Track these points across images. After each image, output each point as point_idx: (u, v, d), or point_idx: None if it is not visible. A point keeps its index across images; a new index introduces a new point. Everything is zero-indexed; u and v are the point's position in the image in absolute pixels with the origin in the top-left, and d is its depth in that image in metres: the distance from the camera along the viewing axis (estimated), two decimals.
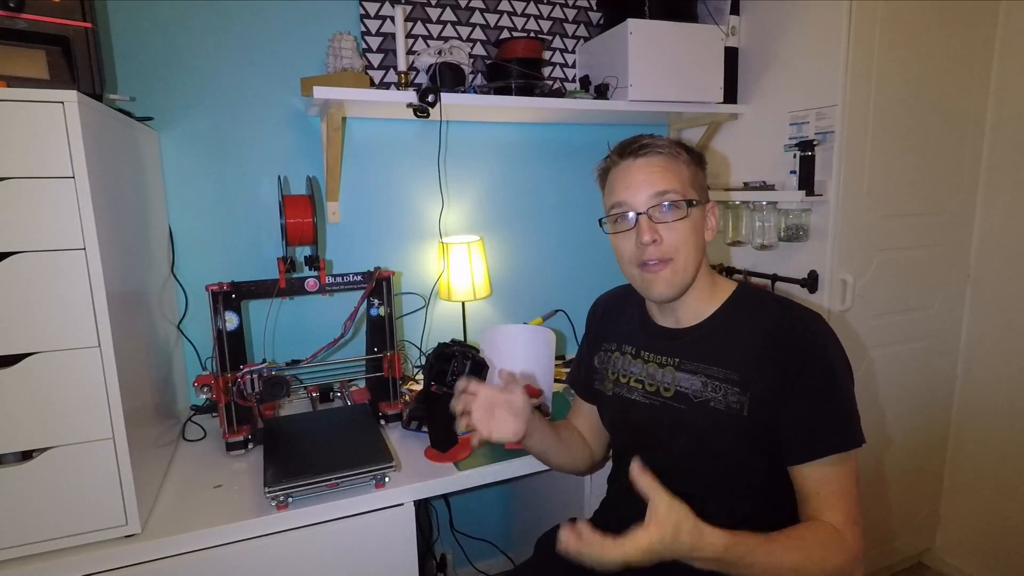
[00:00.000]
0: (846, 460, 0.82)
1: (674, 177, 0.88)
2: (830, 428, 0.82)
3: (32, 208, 0.82)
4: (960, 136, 1.67)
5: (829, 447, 0.81)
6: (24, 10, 0.87)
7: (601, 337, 1.10)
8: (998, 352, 1.73)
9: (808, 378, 0.83)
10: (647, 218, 0.87)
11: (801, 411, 0.83)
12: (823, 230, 1.51)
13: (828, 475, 0.82)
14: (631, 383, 1.00)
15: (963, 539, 1.87)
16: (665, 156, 0.89)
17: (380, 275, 1.35)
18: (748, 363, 0.86)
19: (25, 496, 0.87)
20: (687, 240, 0.88)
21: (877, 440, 1.71)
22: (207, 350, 1.44)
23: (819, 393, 0.83)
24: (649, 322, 1.01)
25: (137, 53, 1.39)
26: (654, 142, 0.90)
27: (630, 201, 0.89)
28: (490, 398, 0.95)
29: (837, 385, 0.83)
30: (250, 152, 1.52)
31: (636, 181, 0.89)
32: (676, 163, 0.90)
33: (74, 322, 0.86)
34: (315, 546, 1.05)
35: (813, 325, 0.86)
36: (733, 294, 0.94)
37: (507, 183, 1.82)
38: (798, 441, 0.83)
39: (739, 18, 1.70)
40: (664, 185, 0.87)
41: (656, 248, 0.87)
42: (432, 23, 1.63)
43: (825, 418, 0.82)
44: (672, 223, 0.87)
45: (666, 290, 0.90)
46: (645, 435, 0.98)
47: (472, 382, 0.96)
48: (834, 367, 0.84)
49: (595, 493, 1.25)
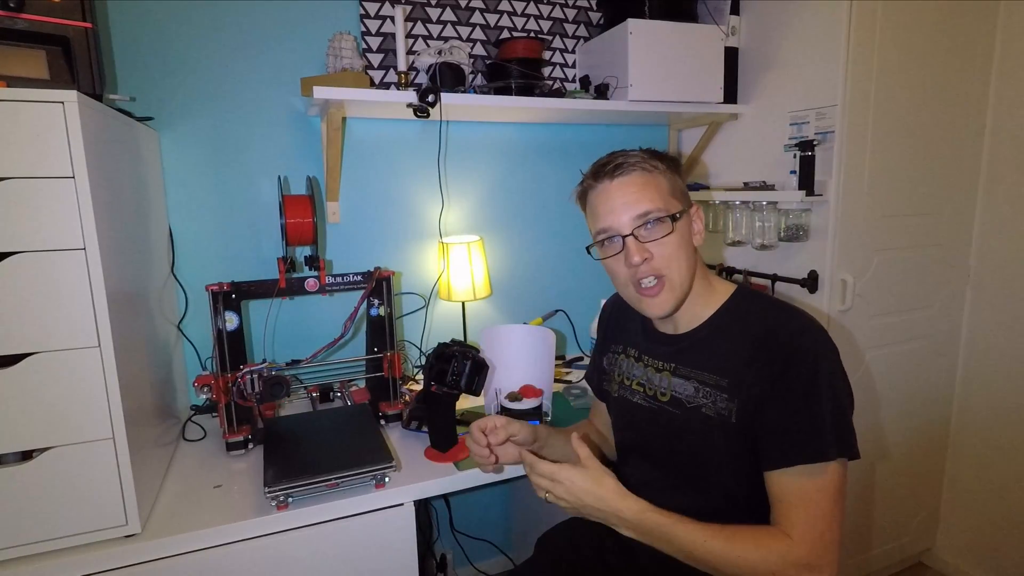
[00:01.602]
0: (821, 473, 0.78)
1: (654, 193, 0.87)
2: (803, 437, 0.79)
3: (32, 208, 0.82)
4: (960, 136, 1.67)
5: (800, 456, 0.79)
6: (24, 10, 0.86)
7: (610, 339, 1.11)
8: (998, 352, 1.73)
9: (789, 383, 0.80)
10: (634, 239, 0.87)
11: (778, 415, 0.81)
12: (823, 230, 1.51)
13: (794, 485, 0.79)
14: (633, 386, 1.01)
15: (963, 539, 1.87)
16: (640, 172, 0.88)
17: (380, 275, 1.35)
18: (738, 369, 0.86)
19: (25, 496, 0.87)
20: (677, 253, 0.88)
21: (877, 441, 1.71)
22: (207, 350, 1.44)
23: (797, 399, 0.80)
24: (650, 327, 1.01)
25: (137, 53, 1.39)
26: (627, 160, 0.89)
27: (615, 225, 0.88)
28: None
29: (818, 394, 0.79)
30: (250, 152, 1.52)
31: (617, 204, 0.87)
32: (653, 176, 0.89)
33: (74, 322, 0.86)
34: (315, 546, 1.05)
35: (804, 332, 0.84)
36: (730, 298, 0.94)
37: (507, 183, 1.82)
38: (771, 446, 0.81)
39: (739, 18, 1.70)
40: (646, 205, 0.86)
41: (648, 266, 0.87)
42: (432, 23, 1.63)
43: (800, 426, 0.79)
44: (660, 240, 0.87)
45: (664, 309, 0.90)
46: (643, 437, 0.99)
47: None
48: (819, 374, 0.80)
49: None
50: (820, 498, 0.78)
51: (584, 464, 0.85)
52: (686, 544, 0.80)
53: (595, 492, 0.83)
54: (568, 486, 0.84)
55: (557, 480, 0.84)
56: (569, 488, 0.84)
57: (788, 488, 0.80)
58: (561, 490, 0.84)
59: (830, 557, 0.78)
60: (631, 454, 1.05)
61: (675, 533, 0.81)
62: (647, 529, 0.82)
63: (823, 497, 0.78)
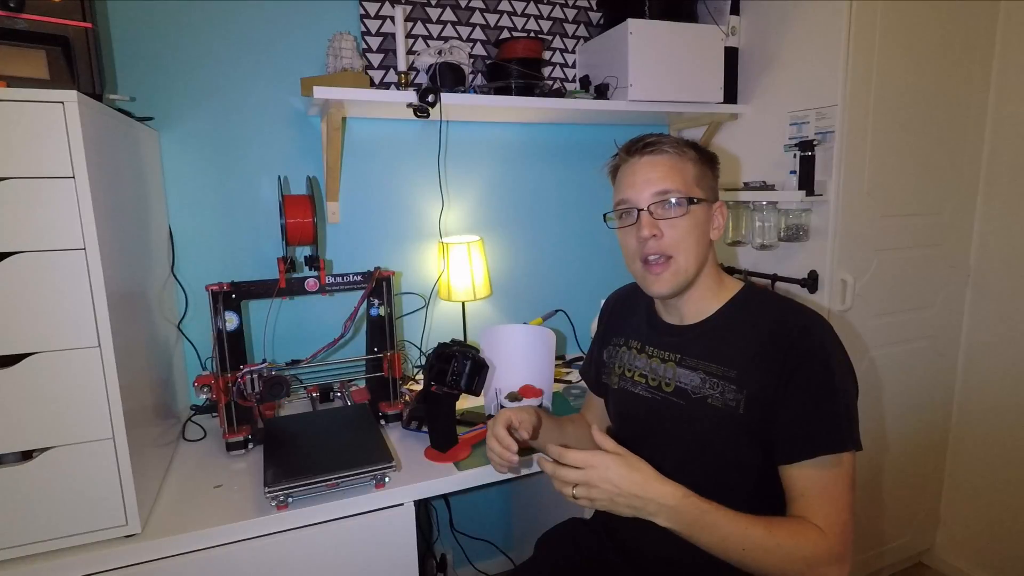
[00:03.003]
0: (837, 464, 0.80)
1: (678, 175, 0.89)
2: (822, 429, 0.81)
3: (32, 208, 0.82)
4: (960, 136, 1.67)
5: (819, 448, 0.80)
6: (24, 10, 0.87)
7: (611, 332, 1.11)
8: (998, 352, 1.73)
9: (804, 378, 0.82)
10: (648, 214, 0.89)
11: (794, 410, 0.82)
12: (823, 230, 1.51)
13: (816, 477, 0.80)
14: (635, 377, 1.01)
15: (963, 539, 1.87)
16: (670, 155, 0.90)
17: (380, 275, 1.35)
18: (746, 362, 0.86)
19: (25, 496, 0.87)
20: (688, 236, 0.89)
21: (877, 440, 1.71)
22: (207, 350, 1.44)
23: (814, 393, 0.82)
24: (655, 318, 1.02)
25: (137, 53, 1.39)
26: (661, 140, 0.91)
27: (633, 198, 0.90)
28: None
29: (833, 387, 0.82)
30: (250, 152, 1.52)
31: (640, 179, 0.90)
32: (681, 161, 0.91)
33: (74, 322, 0.86)
34: (315, 546, 1.05)
35: (814, 327, 0.86)
36: (738, 293, 0.95)
37: (507, 183, 1.82)
38: (788, 440, 0.82)
39: (739, 18, 1.70)
40: (667, 183, 0.88)
41: (656, 243, 0.89)
42: (432, 23, 1.63)
43: (817, 419, 0.81)
44: (674, 220, 0.89)
45: (664, 288, 0.91)
46: (646, 429, 0.99)
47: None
48: (832, 369, 0.83)
49: None
50: (840, 489, 0.80)
51: (616, 451, 0.80)
52: (727, 530, 0.77)
53: (632, 477, 0.77)
54: (603, 472, 0.77)
55: (591, 466, 0.78)
56: (604, 475, 0.77)
57: (810, 480, 0.81)
58: (595, 476, 0.77)
59: (851, 547, 0.80)
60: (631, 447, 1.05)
61: (716, 519, 0.77)
62: (688, 516, 0.77)
63: (842, 488, 0.80)
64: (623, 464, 0.78)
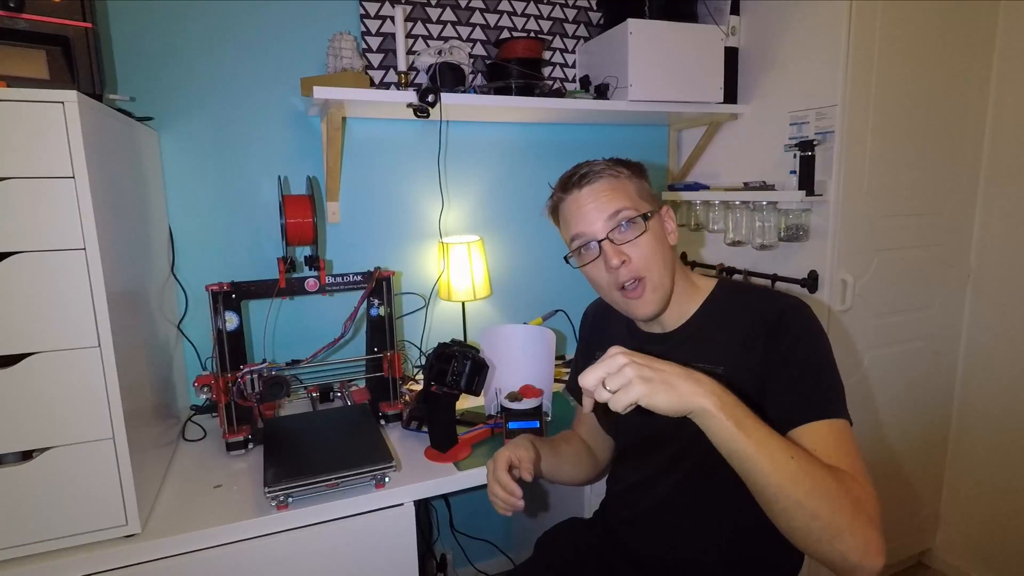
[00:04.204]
0: (844, 429, 0.78)
1: (622, 195, 0.89)
2: (824, 395, 0.79)
3: (32, 208, 0.82)
4: (960, 136, 1.67)
5: (825, 410, 0.78)
6: (24, 10, 0.87)
7: (593, 345, 1.10)
8: (998, 352, 1.73)
9: (790, 352, 0.81)
10: (609, 243, 0.88)
11: (786, 380, 0.81)
12: (823, 230, 1.51)
13: (826, 434, 0.76)
14: None
15: (963, 539, 1.87)
16: (607, 178, 0.90)
17: (380, 275, 1.35)
18: (732, 356, 0.87)
19: (25, 496, 0.87)
20: (654, 253, 0.88)
21: (877, 440, 1.71)
22: (207, 350, 1.44)
23: (808, 361, 0.81)
24: (636, 328, 1.01)
25: (137, 53, 1.39)
26: (592, 168, 0.91)
27: (588, 231, 0.89)
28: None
29: (825, 358, 0.82)
30: (250, 152, 1.52)
31: (588, 209, 0.89)
32: (619, 181, 0.91)
33: (74, 322, 0.86)
34: (315, 546, 1.05)
35: (792, 309, 0.85)
36: (713, 291, 0.95)
37: (507, 183, 1.82)
38: (793, 406, 0.79)
39: (739, 18, 1.70)
40: (616, 205, 0.88)
41: (627, 269, 0.88)
42: (432, 23, 1.63)
43: (818, 384, 0.80)
44: (635, 241, 0.88)
45: (650, 309, 0.90)
46: (640, 438, 0.99)
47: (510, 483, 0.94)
48: (819, 340, 0.83)
49: (595, 493, 1.25)
50: (853, 448, 0.76)
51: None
52: (770, 430, 0.70)
53: (676, 366, 0.70)
54: (627, 354, 0.69)
55: (611, 355, 0.70)
56: (630, 356, 0.69)
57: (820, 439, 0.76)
58: (620, 358, 0.69)
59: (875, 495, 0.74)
60: (626, 454, 1.06)
61: (758, 423, 0.69)
62: (732, 397, 0.69)
63: (854, 447, 0.77)
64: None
